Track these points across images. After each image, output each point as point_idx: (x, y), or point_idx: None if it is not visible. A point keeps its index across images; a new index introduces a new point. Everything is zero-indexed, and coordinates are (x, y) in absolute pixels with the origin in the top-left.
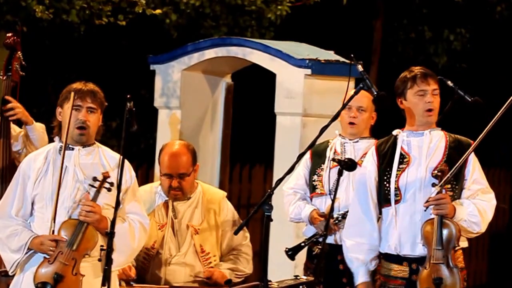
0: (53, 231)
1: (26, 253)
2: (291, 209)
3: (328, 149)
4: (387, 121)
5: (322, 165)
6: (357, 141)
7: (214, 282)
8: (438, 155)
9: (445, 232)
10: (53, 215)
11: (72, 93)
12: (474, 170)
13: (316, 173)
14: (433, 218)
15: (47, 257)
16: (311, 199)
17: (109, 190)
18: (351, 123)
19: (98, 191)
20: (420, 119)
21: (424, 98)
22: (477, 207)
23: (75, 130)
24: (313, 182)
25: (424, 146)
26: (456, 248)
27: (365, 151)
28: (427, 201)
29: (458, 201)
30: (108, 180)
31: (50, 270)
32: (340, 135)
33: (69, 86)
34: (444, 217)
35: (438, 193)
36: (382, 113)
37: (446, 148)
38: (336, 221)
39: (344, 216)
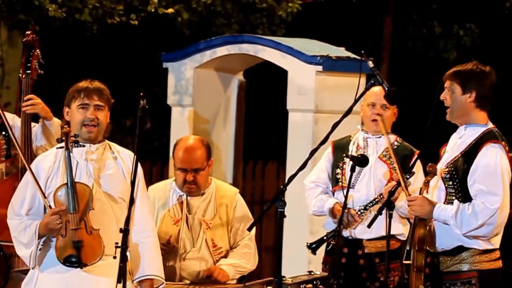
0: (50, 207)
1: (39, 242)
2: (314, 202)
3: (351, 143)
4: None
5: (345, 158)
6: (379, 137)
7: (215, 279)
8: (456, 152)
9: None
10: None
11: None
12: (477, 170)
13: (339, 166)
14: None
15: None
16: (333, 193)
17: (76, 143)
18: (374, 120)
19: (68, 149)
20: None
21: None
22: (460, 209)
23: (83, 128)
24: (336, 176)
25: (451, 142)
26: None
27: (386, 146)
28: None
29: (455, 202)
30: (71, 134)
31: (67, 241)
32: (362, 130)
33: (75, 85)
34: (418, 218)
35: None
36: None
37: (469, 144)
38: (359, 213)
39: (366, 207)
